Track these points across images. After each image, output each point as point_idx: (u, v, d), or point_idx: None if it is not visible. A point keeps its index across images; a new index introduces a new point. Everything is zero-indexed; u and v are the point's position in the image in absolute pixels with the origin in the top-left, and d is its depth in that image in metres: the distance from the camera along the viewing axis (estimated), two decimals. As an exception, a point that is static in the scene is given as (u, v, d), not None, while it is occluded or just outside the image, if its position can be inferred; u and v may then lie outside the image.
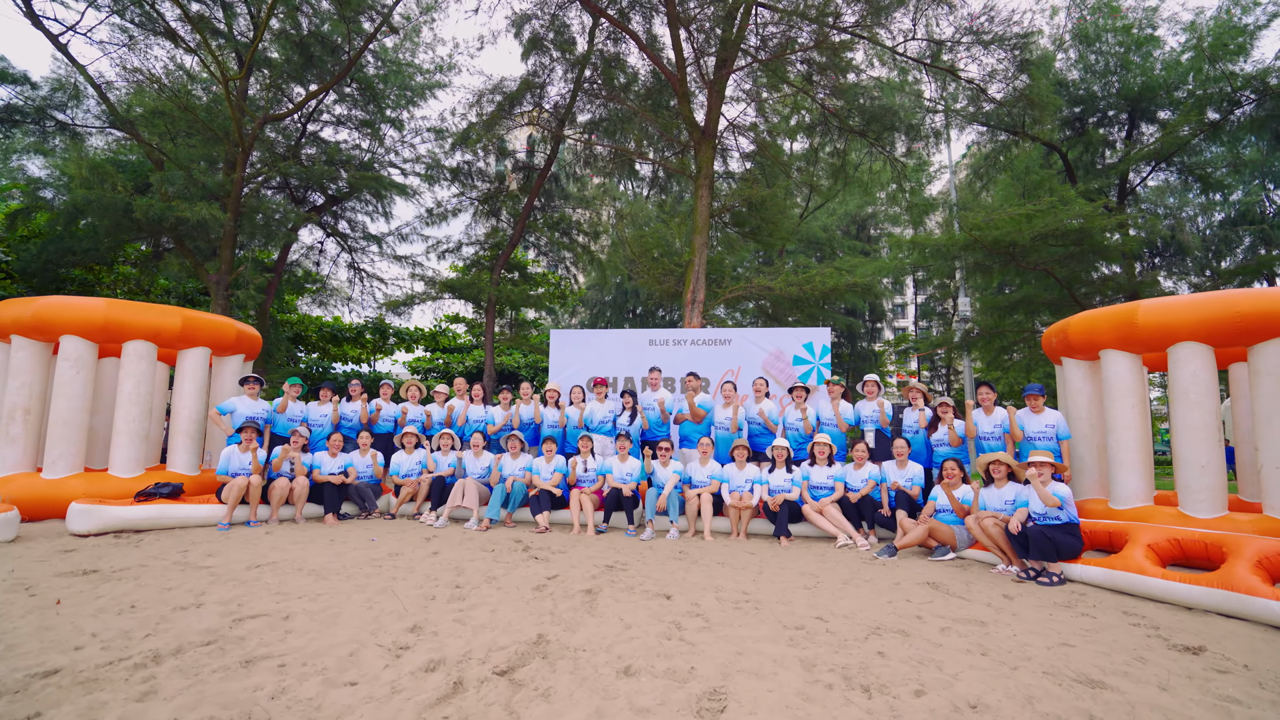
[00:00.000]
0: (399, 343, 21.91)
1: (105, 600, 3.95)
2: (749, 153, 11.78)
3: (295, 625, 3.57)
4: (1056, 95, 11.36)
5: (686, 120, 10.42)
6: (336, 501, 7.16)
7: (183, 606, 3.89)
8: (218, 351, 8.00)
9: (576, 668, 3.05)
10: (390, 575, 4.74)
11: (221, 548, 5.59)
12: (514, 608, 3.98)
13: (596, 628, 3.63)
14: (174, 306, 7.52)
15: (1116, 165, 13.08)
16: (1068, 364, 6.48)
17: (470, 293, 13.47)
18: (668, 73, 10.34)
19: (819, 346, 9.31)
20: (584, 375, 9.86)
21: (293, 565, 4.97)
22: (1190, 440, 5.32)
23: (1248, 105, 11.42)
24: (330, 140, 17.15)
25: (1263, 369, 5.11)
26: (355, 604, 3.98)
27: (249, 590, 4.25)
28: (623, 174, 13.41)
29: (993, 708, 2.73)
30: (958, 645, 3.50)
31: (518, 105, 12.48)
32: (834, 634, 3.66)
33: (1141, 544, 4.60)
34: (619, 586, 4.57)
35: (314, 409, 8.21)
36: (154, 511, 6.17)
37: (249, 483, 6.60)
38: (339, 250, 19.32)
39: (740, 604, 4.21)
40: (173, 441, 7.48)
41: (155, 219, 10.15)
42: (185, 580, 4.47)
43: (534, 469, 7.42)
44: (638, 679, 2.95)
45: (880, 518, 6.48)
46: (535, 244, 15.36)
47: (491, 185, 14.59)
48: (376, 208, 17.91)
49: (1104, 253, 11.67)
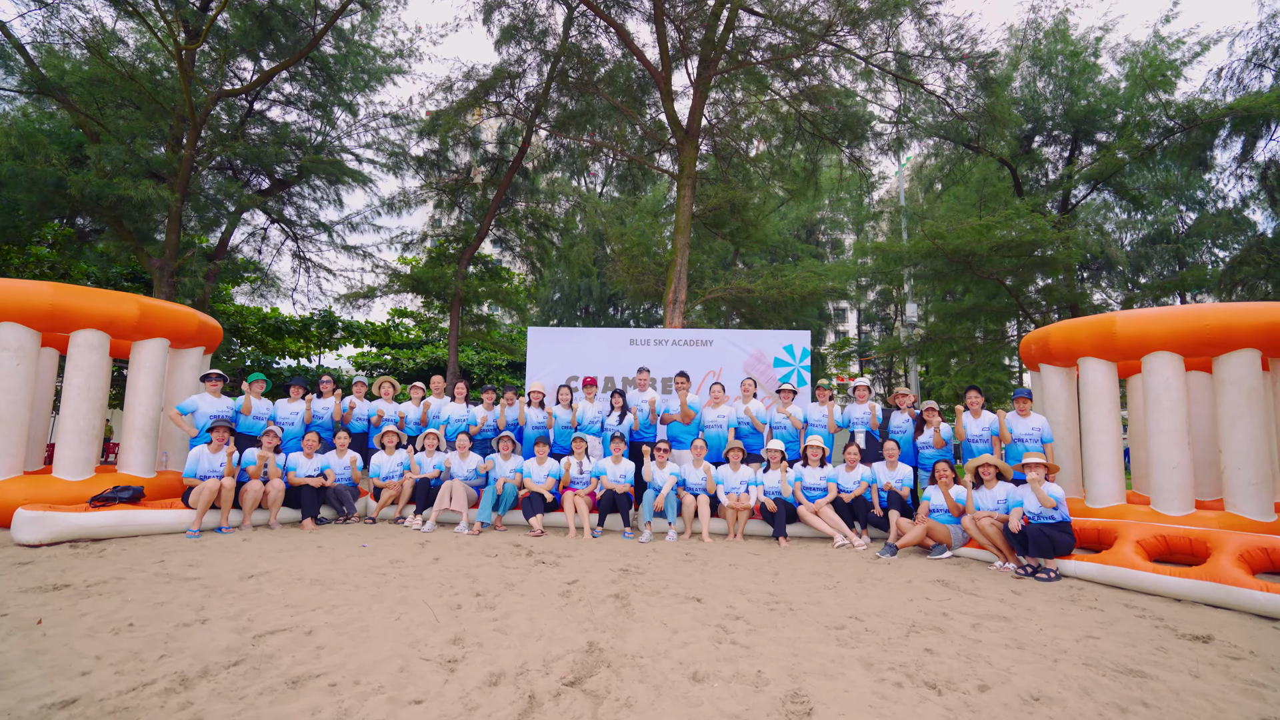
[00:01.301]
0: (348, 337, 20.89)
1: (93, 618, 3.57)
2: (727, 154, 11.89)
3: (324, 640, 3.33)
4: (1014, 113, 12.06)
5: (670, 119, 10.41)
6: (314, 505, 6.74)
7: (185, 623, 3.56)
8: (177, 344, 7.38)
9: (645, 676, 2.98)
10: (401, 584, 4.50)
11: (200, 557, 5.16)
12: (550, 615, 3.85)
13: (644, 634, 3.56)
14: (128, 293, 6.88)
15: (1061, 183, 14.00)
16: (1046, 370, 6.86)
17: (436, 287, 12.98)
18: (652, 69, 10.30)
19: (799, 349, 9.50)
20: (563, 374, 9.70)
21: (289, 575, 4.64)
22: (1163, 443, 5.74)
23: (1181, 134, 12.45)
24: (278, 121, 16.20)
25: (1227, 378, 5.58)
26: (379, 615, 3.75)
27: (254, 603, 3.93)
28: (605, 174, 13.25)
29: (1056, 700, 2.84)
30: (994, 640, 3.63)
31: (490, 94, 12.11)
32: (875, 633, 3.72)
33: (1131, 540, 4.92)
34: (644, 591, 4.50)
35: (282, 406, 7.71)
36: (114, 518, 5.62)
37: (220, 486, 6.12)
38: (284, 238, 18.28)
39: (773, 605, 4.23)
40: (126, 441, 6.84)
41: (93, 196, 9.24)
42: (175, 594, 4.09)
43: (526, 471, 7.23)
44: (710, 685, 2.92)
45: (873, 517, 6.66)
46: (503, 239, 14.96)
47: (459, 176, 14.11)
48: (327, 194, 17.05)
49: (1052, 265, 12.46)
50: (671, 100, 10.33)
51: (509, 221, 14.31)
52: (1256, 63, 12.94)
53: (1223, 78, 13.06)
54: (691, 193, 10.26)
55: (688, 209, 10.15)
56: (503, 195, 13.30)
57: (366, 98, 16.17)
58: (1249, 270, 13.44)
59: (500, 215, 14.07)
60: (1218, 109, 12.03)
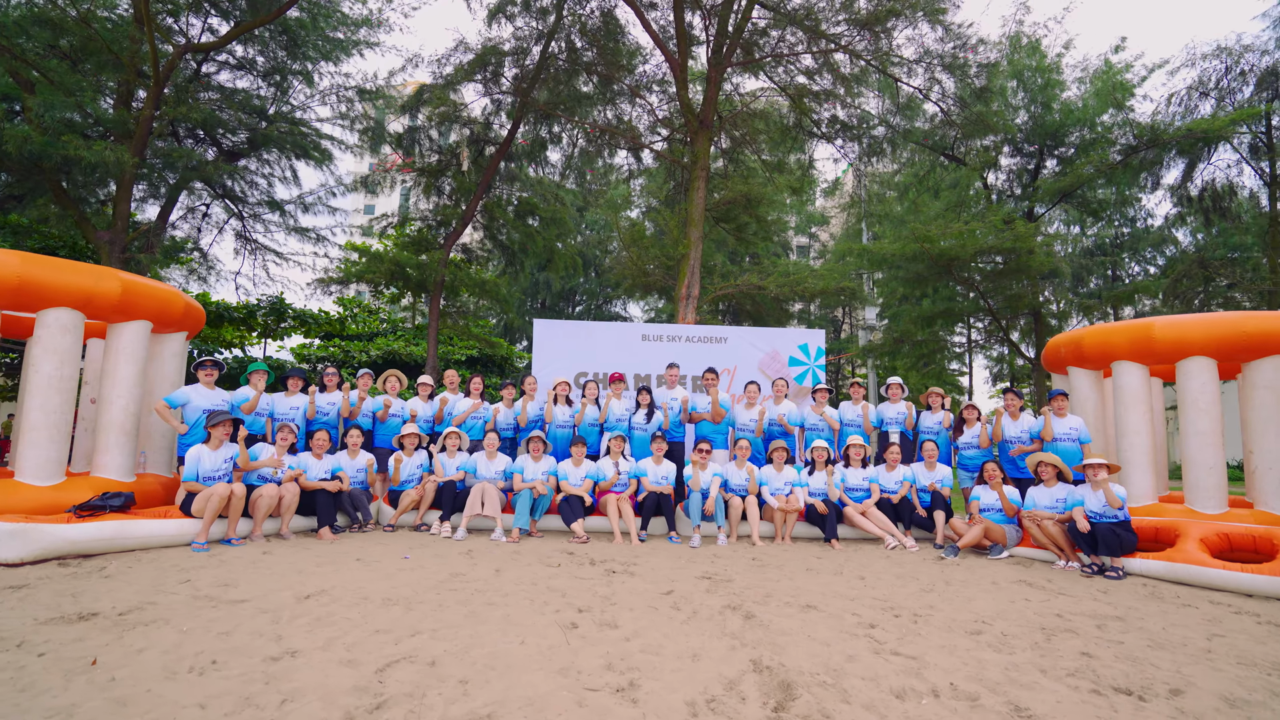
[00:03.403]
0: (298, 326, 19.33)
1: (158, 655, 2.97)
2: (738, 146, 11.72)
3: (456, 672, 2.89)
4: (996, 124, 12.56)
5: (684, 107, 10.11)
6: (331, 512, 6.07)
7: (273, 657, 3.02)
8: (160, 327, 6.46)
9: (847, 696, 2.74)
10: (485, 601, 4.05)
11: (229, 574, 4.49)
12: (683, 632, 3.53)
13: (799, 648, 3.31)
14: (107, 268, 5.94)
15: (1031, 194, 14.75)
16: (1075, 373, 7.09)
17: (418, 274, 12.12)
18: (667, 53, 9.97)
19: (814, 348, 9.47)
20: (570, 369, 9.27)
21: (352, 594, 4.09)
22: (1199, 444, 6.02)
23: (1146, 151, 13.36)
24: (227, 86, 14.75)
25: (1259, 382, 5.91)
26: (493, 639, 3.32)
27: (338, 630, 3.40)
28: (611, 157, 12.76)
29: (1256, 703, 2.81)
30: (1136, 641, 3.60)
31: (481, 71, 11.40)
32: (1015, 637, 3.64)
33: (1194, 538, 5.09)
34: (753, 600, 4.24)
35: (280, 401, 6.94)
36: (108, 530, 4.82)
37: (231, 492, 5.37)
38: (228, 217, 16.74)
39: (895, 612, 4.07)
40: (103, 438, 5.92)
41: (31, 155, 7.97)
42: (234, 620, 3.49)
43: (561, 473, 6.80)
44: (918, 702, 2.72)
45: (917, 518, 6.67)
46: (486, 225, 14.18)
47: (442, 156, 13.24)
48: (280, 170, 15.72)
49: (1027, 271, 13.09)
50: (686, 87, 10.05)
51: (493, 207, 13.58)
52: (1201, 91, 14.09)
53: (1172, 103, 14.14)
54: (704, 184, 10.04)
55: (701, 201, 9.93)
56: (490, 178, 12.60)
57: (331, 68, 15.00)
58: (1187, 284, 14.66)
59: (485, 200, 13.34)
60: (1180, 129, 12.97)
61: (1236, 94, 13.63)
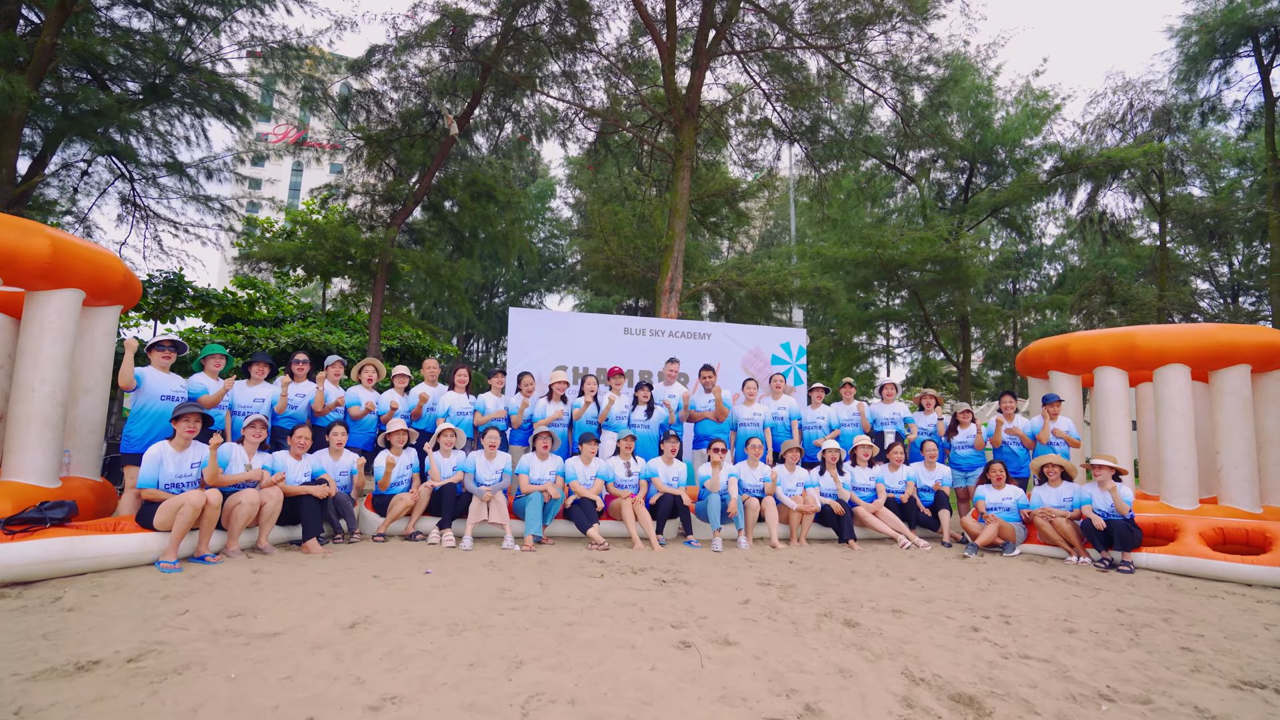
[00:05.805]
0: (198, 307, 17.03)
1: (221, 714, 2.32)
2: (719, 137, 11.53)
3: (613, 711, 2.47)
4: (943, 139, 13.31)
5: (670, 92, 9.76)
6: (318, 521, 5.26)
7: (373, 706, 2.46)
8: (94, 299, 5.29)
9: (1032, 707, 2.60)
10: (564, 621, 3.59)
11: (229, 600, 3.70)
12: (810, 646, 3.28)
13: (938, 656, 3.15)
14: (33, 221, 4.75)
15: (968, 207, 15.75)
16: (1057, 377, 7.51)
17: (362, 254, 10.95)
18: (655, 34, 9.58)
19: (795, 347, 9.50)
20: (549, 362, 8.72)
21: (406, 620, 3.47)
22: (1175, 445, 6.55)
23: (1071, 173, 14.63)
24: (120, 25, 12.67)
25: (1226, 389, 6.51)
26: (619, 667, 2.91)
27: (425, 667, 2.84)
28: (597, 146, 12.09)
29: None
30: (1212, 634, 3.76)
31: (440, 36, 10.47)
32: (1109, 634, 3.69)
33: (1193, 533, 5.49)
34: (848, 607, 4.05)
35: (240, 390, 5.95)
36: (54, 550, 3.84)
37: (206, 501, 4.47)
38: (113, 178, 14.47)
39: (983, 613, 4.02)
40: (21, 433, 4.74)
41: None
42: (287, 660, 2.83)
43: (570, 473, 6.31)
44: (1098, 707, 2.70)
45: (922, 517, 6.80)
46: (435, 205, 13.06)
47: (392, 125, 12.03)
48: (182, 128, 13.80)
49: (962, 280, 13.95)
50: (673, 71, 9.71)
51: (447, 184, 12.54)
52: (1109, 123, 15.69)
53: (1086, 131, 15.62)
54: (689, 174, 9.77)
55: (685, 191, 9.65)
56: (446, 153, 11.62)
57: (249, 18, 13.28)
58: (1093, 300, 16.29)
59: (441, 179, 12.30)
60: (1100, 155, 14.29)
61: (1137, 127, 15.34)
